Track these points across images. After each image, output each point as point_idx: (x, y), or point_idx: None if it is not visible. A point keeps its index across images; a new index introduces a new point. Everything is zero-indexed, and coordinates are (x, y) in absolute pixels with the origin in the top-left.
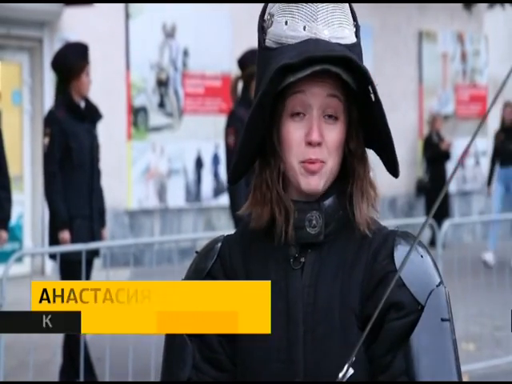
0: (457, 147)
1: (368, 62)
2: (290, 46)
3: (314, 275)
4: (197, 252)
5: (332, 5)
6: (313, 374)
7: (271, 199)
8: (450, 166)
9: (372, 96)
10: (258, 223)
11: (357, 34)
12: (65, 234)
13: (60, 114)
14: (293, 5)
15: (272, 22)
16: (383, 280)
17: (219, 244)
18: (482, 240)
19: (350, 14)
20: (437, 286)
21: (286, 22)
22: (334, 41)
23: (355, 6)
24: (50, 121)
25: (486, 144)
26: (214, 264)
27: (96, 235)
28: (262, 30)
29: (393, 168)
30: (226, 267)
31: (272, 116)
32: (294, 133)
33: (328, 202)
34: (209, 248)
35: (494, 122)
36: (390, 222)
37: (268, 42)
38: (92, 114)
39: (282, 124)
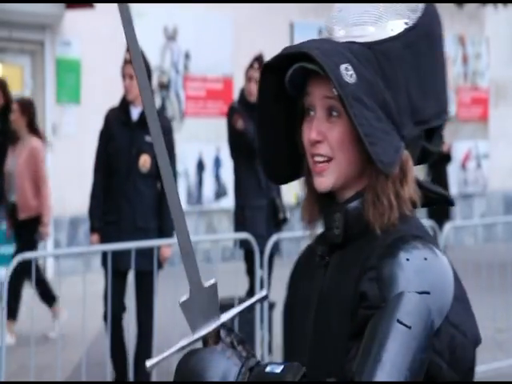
0: (458, 150)
1: None
2: None
3: (328, 278)
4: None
5: (367, 5)
6: (311, 369)
7: (305, 197)
8: (450, 169)
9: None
10: (303, 218)
11: (399, 32)
12: (92, 238)
13: (109, 114)
14: (334, 12)
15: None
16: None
17: None
18: (484, 243)
19: (394, 13)
20: (409, 291)
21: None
22: (349, 39)
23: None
24: (104, 119)
25: (487, 147)
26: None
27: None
28: None
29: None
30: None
31: (300, 116)
32: (306, 132)
33: (353, 204)
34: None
35: (495, 125)
36: None
37: None
38: (144, 123)
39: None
